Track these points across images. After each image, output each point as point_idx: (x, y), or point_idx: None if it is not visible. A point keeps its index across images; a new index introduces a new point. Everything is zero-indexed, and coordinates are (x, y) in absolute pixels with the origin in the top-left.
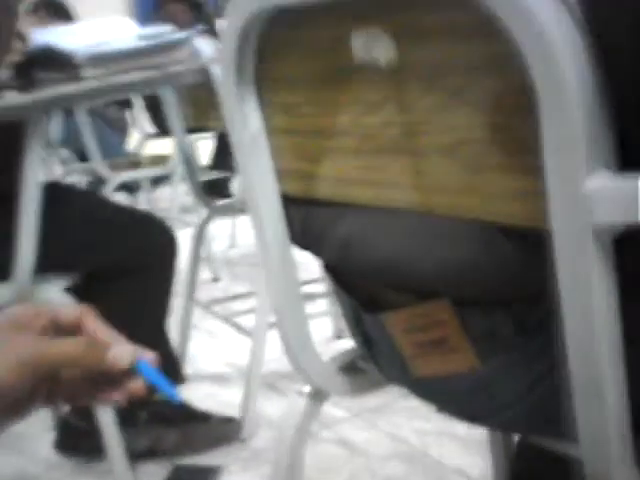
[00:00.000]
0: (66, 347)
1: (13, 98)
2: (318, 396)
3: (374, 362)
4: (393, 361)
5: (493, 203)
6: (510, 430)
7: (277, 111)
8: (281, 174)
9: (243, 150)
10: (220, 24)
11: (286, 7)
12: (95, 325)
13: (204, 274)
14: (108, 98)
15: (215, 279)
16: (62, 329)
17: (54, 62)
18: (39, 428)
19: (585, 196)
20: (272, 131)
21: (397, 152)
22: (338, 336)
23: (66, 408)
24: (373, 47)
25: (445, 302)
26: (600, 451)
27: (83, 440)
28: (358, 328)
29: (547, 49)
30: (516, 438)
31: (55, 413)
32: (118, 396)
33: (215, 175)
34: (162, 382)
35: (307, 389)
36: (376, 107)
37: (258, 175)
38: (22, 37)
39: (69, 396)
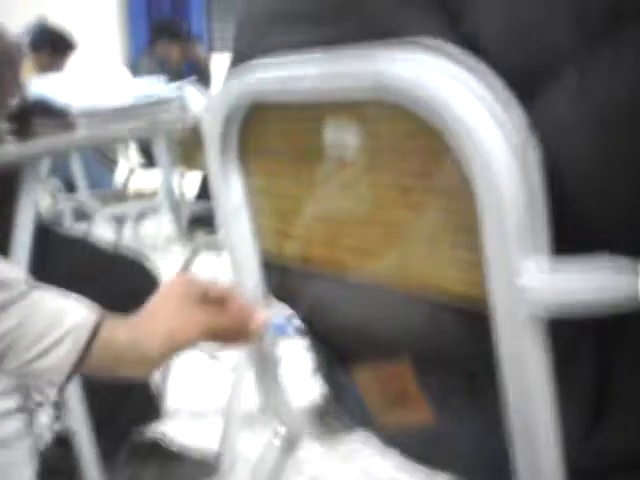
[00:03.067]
0: (228, 321)
1: (12, 148)
2: (292, 439)
3: (343, 407)
4: (360, 408)
5: (442, 279)
6: (463, 477)
7: (258, 179)
8: (260, 234)
9: (226, 214)
10: (213, 66)
11: (262, 103)
12: (236, 302)
13: None
14: (100, 147)
15: None
16: (208, 300)
17: (50, 113)
18: (20, 460)
19: (519, 286)
20: (254, 196)
21: (361, 224)
22: None
23: (46, 443)
24: (341, 137)
25: (405, 361)
26: None
27: (63, 474)
28: (329, 375)
29: (485, 159)
30: None
31: (35, 448)
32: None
33: (202, 206)
34: (286, 328)
35: (282, 430)
36: (343, 184)
37: (239, 236)
38: (20, 87)
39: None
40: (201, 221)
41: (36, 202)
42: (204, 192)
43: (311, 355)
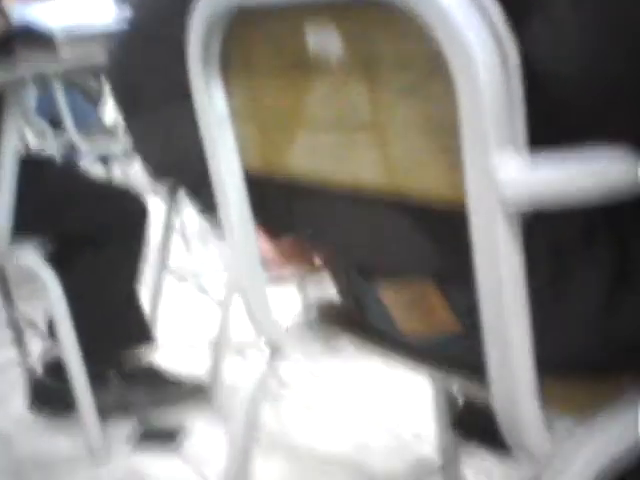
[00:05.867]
0: None
1: None
2: (276, 355)
3: (363, 319)
4: (382, 320)
5: (422, 177)
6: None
7: (242, 94)
8: (245, 150)
9: (209, 130)
10: None
11: (248, 8)
12: None
13: (177, 245)
14: (85, 74)
15: (187, 249)
16: None
17: (34, 39)
18: (10, 386)
19: (491, 173)
20: (237, 110)
21: (345, 133)
22: None
23: (38, 367)
24: (325, 43)
25: (427, 279)
26: (507, 393)
27: (54, 398)
28: (349, 289)
29: (461, 45)
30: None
31: (27, 372)
32: None
33: None
34: None
35: (267, 348)
36: (327, 95)
37: (223, 153)
38: (4, 14)
39: None
40: None
41: (20, 129)
42: None
43: (329, 269)
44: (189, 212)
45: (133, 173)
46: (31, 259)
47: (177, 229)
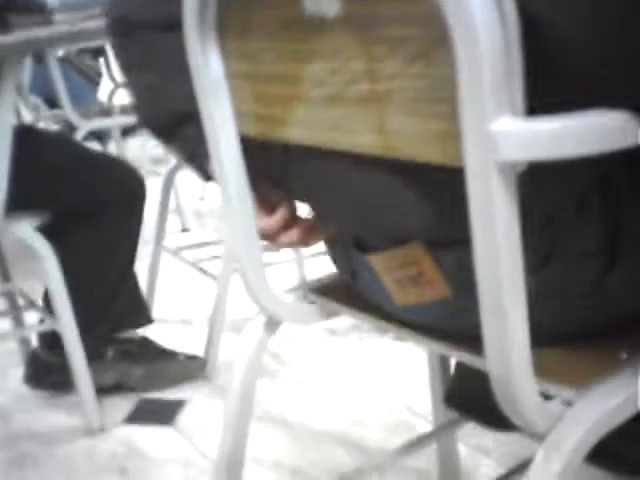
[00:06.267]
0: None
1: None
2: (270, 326)
3: (361, 292)
4: (379, 293)
5: (420, 144)
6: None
7: (238, 57)
8: (241, 117)
9: (204, 94)
10: None
11: None
12: None
13: (173, 225)
14: (80, 42)
15: (184, 229)
16: None
17: (27, 8)
18: (8, 362)
19: (489, 135)
20: (233, 76)
21: (342, 98)
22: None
23: (36, 343)
24: (323, 7)
25: (418, 244)
26: (502, 362)
27: (52, 374)
28: (347, 264)
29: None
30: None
31: (23, 346)
32: None
33: None
34: None
35: (261, 320)
36: (324, 56)
37: (219, 118)
38: None
39: None
40: None
41: (15, 101)
42: None
43: (326, 241)
44: (185, 190)
45: (130, 151)
46: (27, 232)
47: (173, 207)
